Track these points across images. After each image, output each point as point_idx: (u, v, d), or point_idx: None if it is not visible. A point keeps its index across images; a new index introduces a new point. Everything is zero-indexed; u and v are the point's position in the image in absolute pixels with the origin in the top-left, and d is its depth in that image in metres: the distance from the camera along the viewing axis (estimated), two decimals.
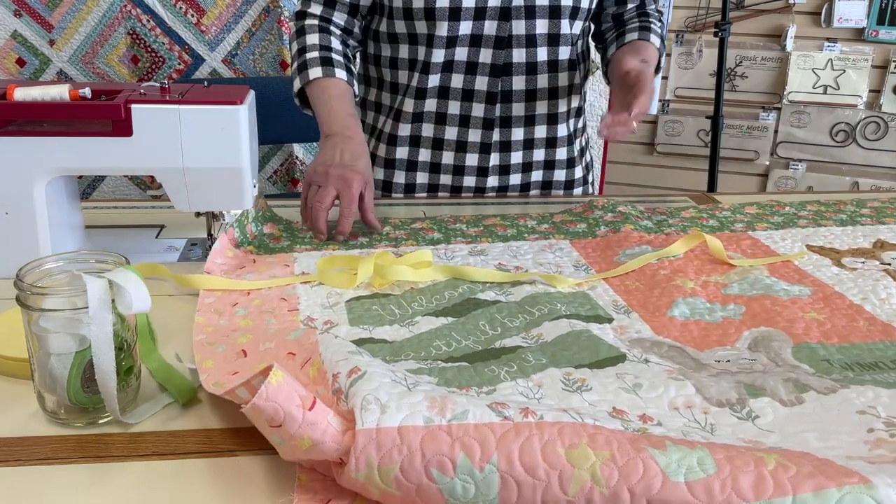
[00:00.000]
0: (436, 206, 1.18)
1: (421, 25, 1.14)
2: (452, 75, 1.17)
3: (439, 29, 1.13)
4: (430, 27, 1.14)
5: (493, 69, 1.16)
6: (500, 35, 1.14)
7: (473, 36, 1.14)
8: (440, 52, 1.15)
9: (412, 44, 1.18)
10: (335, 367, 0.56)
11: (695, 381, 0.66)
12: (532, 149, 1.24)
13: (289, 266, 0.92)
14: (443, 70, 1.17)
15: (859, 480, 0.47)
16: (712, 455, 0.48)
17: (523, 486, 0.48)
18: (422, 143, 1.23)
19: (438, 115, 1.20)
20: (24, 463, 0.56)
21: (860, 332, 0.78)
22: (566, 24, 1.16)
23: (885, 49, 2.51)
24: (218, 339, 0.72)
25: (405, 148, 1.23)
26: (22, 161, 0.83)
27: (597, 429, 0.50)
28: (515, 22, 1.14)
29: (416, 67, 1.18)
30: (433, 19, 1.13)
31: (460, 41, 1.15)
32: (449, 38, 1.14)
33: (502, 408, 0.52)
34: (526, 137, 1.23)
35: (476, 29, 1.14)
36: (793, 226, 1.10)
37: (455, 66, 1.17)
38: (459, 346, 0.74)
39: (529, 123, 1.22)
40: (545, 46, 1.17)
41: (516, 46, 1.16)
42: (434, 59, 1.16)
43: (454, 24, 1.13)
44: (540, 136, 1.23)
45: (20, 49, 2.05)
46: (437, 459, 0.48)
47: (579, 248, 1.00)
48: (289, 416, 0.50)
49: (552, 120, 1.23)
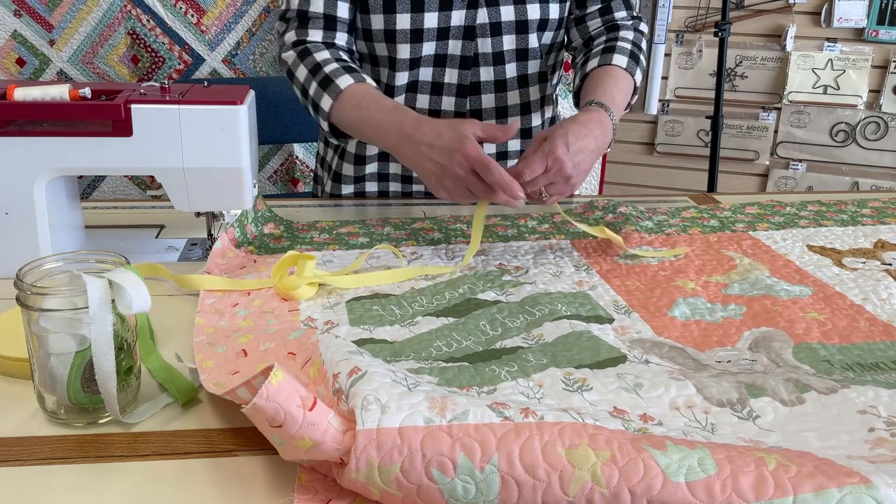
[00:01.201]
0: (435, 206, 1.18)
1: (381, 48, 1.09)
2: (417, 95, 1.13)
3: (401, 52, 1.08)
4: (391, 50, 1.08)
5: (459, 89, 1.12)
6: (465, 55, 1.10)
7: (437, 56, 1.10)
8: (403, 75, 1.10)
9: (374, 65, 1.13)
10: (335, 367, 0.56)
11: (695, 382, 0.66)
12: (506, 159, 1.21)
13: None
14: (407, 90, 1.12)
15: (860, 480, 0.47)
16: (713, 455, 0.48)
17: (524, 487, 0.48)
18: (391, 158, 1.19)
19: None
20: (24, 463, 0.56)
21: (861, 332, 0.78)
22: (534, 38, 1.11)
23: (885, 49, 2.51)
24: (218, 340, 0.72)
25: (374, 163, 1.20)
26: (22, 161, 0.83)
27: (597, 429, 0.50)
28: (481, 40, 1.09)
29: (381, 87, 1.10)
30: (394, 42, 1.07)
31: (424, 62, 1.10)
32: (412, 59, 1.09)
33: (503, 408, 0.52)
34: (499, 150, 1.20)
35: (440, 49, 1.09)
36: (793, 226, 1.10)
37: (420, 86, 1.12)
38: (460, 346, 0.74)
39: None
40: (513, 62, 1.12)
41: (483, 65, 1.11)
42: (398, 81, 1.11)
43: (416, 45, 1.07)
44: (514, 149, 1.21)
45: (20, 49, 2.05)
46: (437, 460, 0.48)
47: (580, 248, 1.00)
48: (289, 416, 0.50)
49: (525, 134, 1.20)
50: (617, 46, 1.09)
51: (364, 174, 1.22)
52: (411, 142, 0.92)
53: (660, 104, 2.70)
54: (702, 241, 1.02)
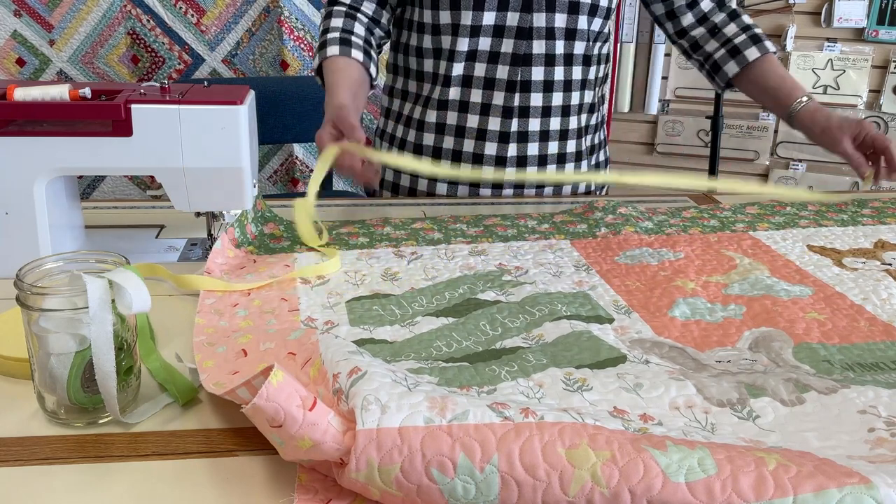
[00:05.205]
0: (435, 206, 1.18)
1: (446, 15, 1.19)
2: (476, 64, 1.21)
3: (464, 18, 1.18)
4: (455, 17, 1.19)
5: (514, 59, 1.20)
6: (521, 26, 1.19)
7: (496, 27, 1.19)
8: (464, 41, 1.20)
9: (436, 34, 1.22)
10: (335, 367, 0.56)
11: (695, 382, 0.66)
12: (547, 141, 1.26)
13: (289, 266, 0.92)
14: (466, 59, 1.21)
15: (860, 481, 0.47)
16: (713, 455, 0.48)
17: (524, 487, 0.48)
18: (446, 131, 1.26)
19: (462, 104, 1.23)
20: (24, 463, 0.56)
21: (861, 332, 0.78)
22: (584, 21, 1.21)
23: (885, 49, 2.51)
24: (218, 340, 0.72)
25: (431, 134, 1.27)
26: (22, 161, 0.83)
27: (597, 429, 0.50)
28: (536, 14, 1.18)
29: (442, 56, 1.22)
30: (458, 9, 1.18)
31: (483, 31, 1.19)
32: (473, 27, 1.18)
33: (503, 408, 0.52)
34: (542, 129, 1.25)
35: (499, 20, 1.19)
36: (794, 226, 1.10)
37: (479, 55, 1.21)
38: (460, 346, 0.74)
39: (546, 115, 1.24)
40: (563, 40, 1.21)
41: (536, 38, 1.19)
42: (458, 47, 1.20)
43: (478, 13, 1.18)
44: (555, 127, 1.26)
45: (20, 49, 2.05)
46: (437, 460, 0.48)
47: (580, 248, 1.00)
48: (289, 416, 0.50)
49: (565, 112, 1.26)
50: (757, 35, 1.25)
51: (422, 143, 1.28)
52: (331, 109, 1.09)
53: (660, 104, 2.70)
54: (702, 241, 1.02)
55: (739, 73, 1.25)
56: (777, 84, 1.23)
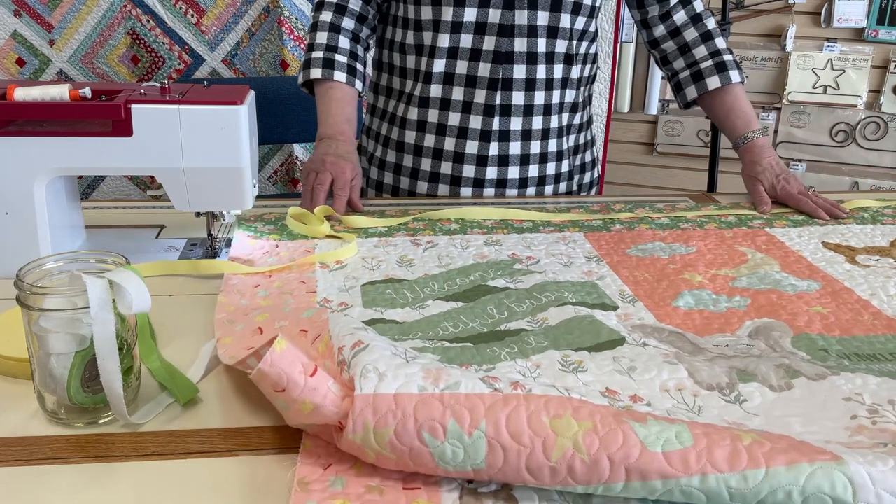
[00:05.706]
0: (433, 206, 1.18)
1: (427, 11, 1.20)
2: (457, 62, 1.21)
3: (445, 14, 1.18)
4: (436, 13, 1.19)
5: (495, 56, 1.20)
6: (503, 23, 1.18)
7: (478, 23, 1.19)
8: (445, 38, 1.19)
9: (417, 30, 1.22)
10: (341, 341, 0.59)
11: (687, 365, 0.68)
12: (529, 140, 1.26)
13: (310, 251, 0.95)
14: (448, 56, 1.21)
15: (831, 458, 0.49)
16: (690, 430, 0.50)
17: (509, 452, 0.50)
18: (427, 129, 1.26)
19: (443, 101, 1.23)
20: (24, 463, 0.56)
21: (863, 325, 0.79)
22: (566, 19, 1.20)
23: (884, 49, 2.51)
24: (238, 318, 0.75)
25: (413, 132, 1.27)
26: (22, 161, 0.83)
27: (582, 402, 0.53)
28: (518, 12, 1.18)
29: (423, 52, 1.22)
30: (439, 5, 1.18)
31: (465, 28, 1.19)
32: (454, 23, 1.18)
33: (494, 381, 0.54)
34: (524, 128, 1.25)
35: (480, 16, 1.18)
36: (812, 223, 1.11)
37: (460, 52, 1.20)
38: (466, 327, 0.76)
39: (528, 113, 1.24)
40: (545, 38, 1.20)
41: (518, 36, 1.19)
42: (440, 43, 1.20)
43: (459, 10, 1.18)
44: (537, 126, 1.26)
45: (20, 49, 2.05)
46: (429, 424, 0.51)
47: (592, 241, 1.01)
48: (292, 381, 0.53)
49: (547, 111, 1.26)
50: (726, 63, 1.27)
51: (404, 141, 1.29)
52: (327, 140, 1.19)
53: (660, 104, 2.70)
54: (716, 236, 1.03)
55: (698, 98, 1.29)
56: (729, 116, 1.28)
